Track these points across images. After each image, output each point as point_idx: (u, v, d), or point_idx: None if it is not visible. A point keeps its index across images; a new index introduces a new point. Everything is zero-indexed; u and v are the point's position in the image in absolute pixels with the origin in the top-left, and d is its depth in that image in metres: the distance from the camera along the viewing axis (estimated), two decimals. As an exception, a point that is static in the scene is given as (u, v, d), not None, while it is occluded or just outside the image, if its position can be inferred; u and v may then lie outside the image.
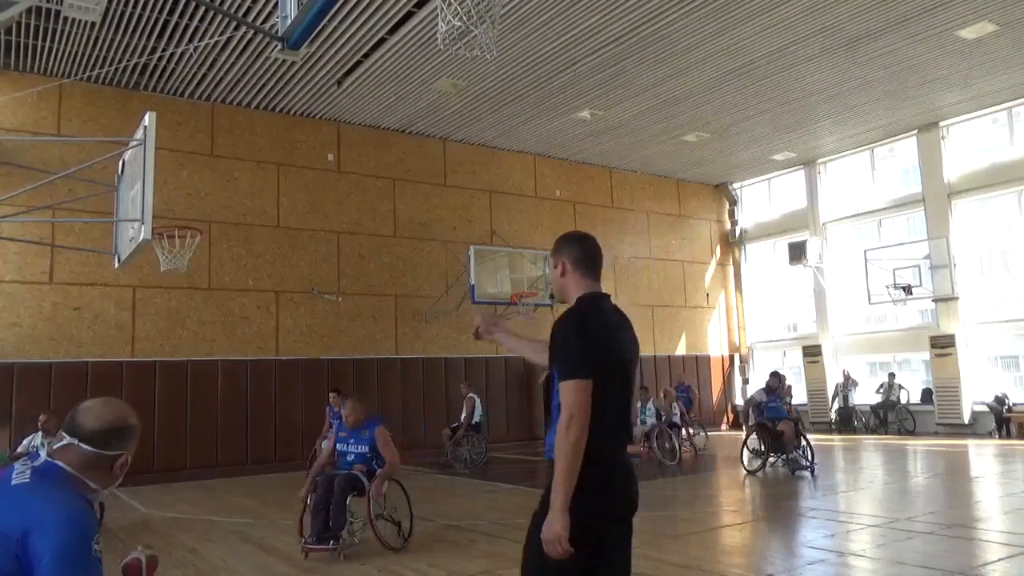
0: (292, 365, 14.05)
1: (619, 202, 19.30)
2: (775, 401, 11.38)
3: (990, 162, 16.52)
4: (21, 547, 1.73)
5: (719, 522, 8.01)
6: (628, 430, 2.75)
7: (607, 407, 2.56)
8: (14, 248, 11.80)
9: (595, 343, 2.60)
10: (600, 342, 2.61)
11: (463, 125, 15.77)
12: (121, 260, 7.23)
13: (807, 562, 5.84)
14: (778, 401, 11.39)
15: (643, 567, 5.73)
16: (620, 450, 2.66)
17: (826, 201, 19.36)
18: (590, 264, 2.82)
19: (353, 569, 6.09)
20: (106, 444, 1.98)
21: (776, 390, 11.50)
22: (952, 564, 5.57)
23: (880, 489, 9.86)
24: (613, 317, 2.77)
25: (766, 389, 11.59)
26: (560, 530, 2.41)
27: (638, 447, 12.22)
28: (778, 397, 11.43)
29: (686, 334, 20.05)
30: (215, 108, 14.04)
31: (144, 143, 6.01)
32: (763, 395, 11.53)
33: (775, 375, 11.81)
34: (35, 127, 12.42)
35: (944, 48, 12.80)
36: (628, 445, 2.77)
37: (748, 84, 14.00)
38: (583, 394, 2.50)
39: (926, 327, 17.17)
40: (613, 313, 2.78)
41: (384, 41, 11.78)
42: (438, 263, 16.11)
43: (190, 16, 10.78)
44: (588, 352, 2.56)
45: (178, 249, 10.95)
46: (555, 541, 2.41)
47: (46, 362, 12.02)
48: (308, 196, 14.80)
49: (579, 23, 11.36)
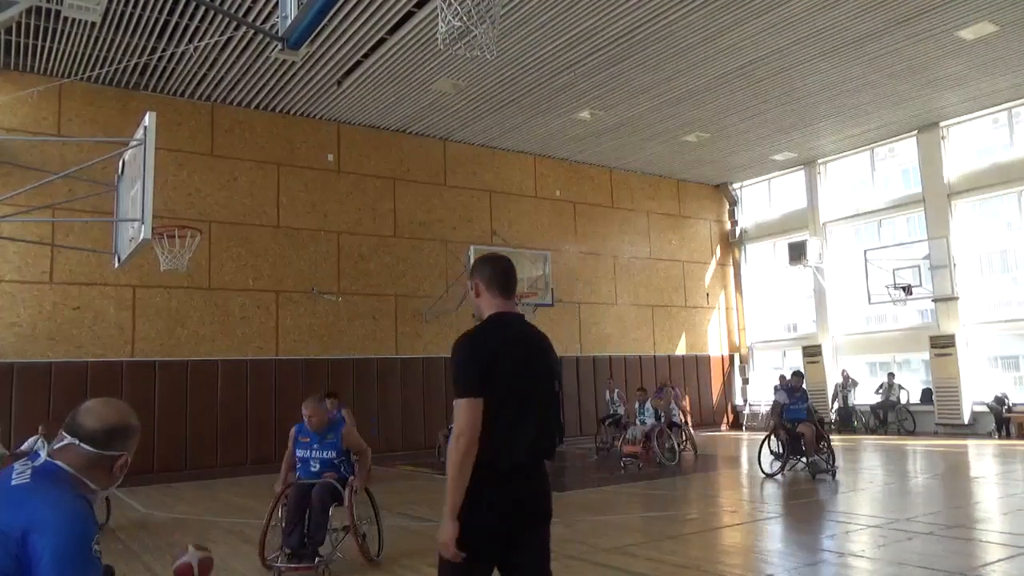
0: (292, 365, 14.05)
1: (619, 202, 19.29)
2: (796, 402, 10.90)
3: (990, 162, 16.52)
4: (21, 547, 1.74)
5: (718, 522, 8.01)
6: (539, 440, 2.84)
7: (500, 422, 2.72)
8: (14, 248, 11.80)
9: (484, 363, 2.75)
10: (490, 361, 2.76)
11: (463, 125, 15.77)
12: (121, 260, 7.23)
13: (807, 562, 5.84)
14: (799, 402, 10.90)
15: (642, 567, 5.73)
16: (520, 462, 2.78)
17: (826, 201, 19.36)
18: (502, 284, 2.94)
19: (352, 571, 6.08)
20: (106, 444, 1.98)
21: (797, 390, 11.02)
22: (952, 565, 5.57)
23: (880, 489, 9.86)
24: (515, 335, 2.90)
25: (787, 389, 11.09)
26: (447, 536, 2.62)
27: (636, 447, 12.18)
28: (800, 398, 10.96)
29: (686, 334, 20.05)
30: (215, 108, 14.04)
31: (144, 143, 6.01)
32: (784, 396, 11.00)
33: (797, 374, 11.35)
34: (35, 127, 12.42)
35: (944, 48, 12.80)
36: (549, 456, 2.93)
37: (748, 84, 14.00)
38: (470, 412, 2.69)
39: (926, 327, 17.17)
40: (517, 331, 2.92)
41: (384, 41, 11.78)
42: (438, 263, 16.11)
43: (190, 16, 10.78)
44: (476, 372, 2.73)
45: (178, 249, 10.95)
46: (444, 546, 2.64)
47: (46, 362, 12.02)
48: (308, 196, 14.80)
49: (579, 23, 11.36)
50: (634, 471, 11.64)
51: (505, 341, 2.86)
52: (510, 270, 2.99)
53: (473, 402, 2.71)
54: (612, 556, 6.11)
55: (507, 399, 2.77)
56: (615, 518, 8.27)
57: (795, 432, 10.58)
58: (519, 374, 2.83)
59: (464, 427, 2.68)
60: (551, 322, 17.45)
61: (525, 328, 2.99)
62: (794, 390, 11.02)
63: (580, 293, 18.17)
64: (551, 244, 17.59)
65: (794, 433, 10.58)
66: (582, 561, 5.99)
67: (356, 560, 6.00)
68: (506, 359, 2.81)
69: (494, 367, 2.76)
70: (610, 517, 8.33)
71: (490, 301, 2.95)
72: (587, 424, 17.34)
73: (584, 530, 7.37)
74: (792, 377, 11.31)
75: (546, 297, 16.31)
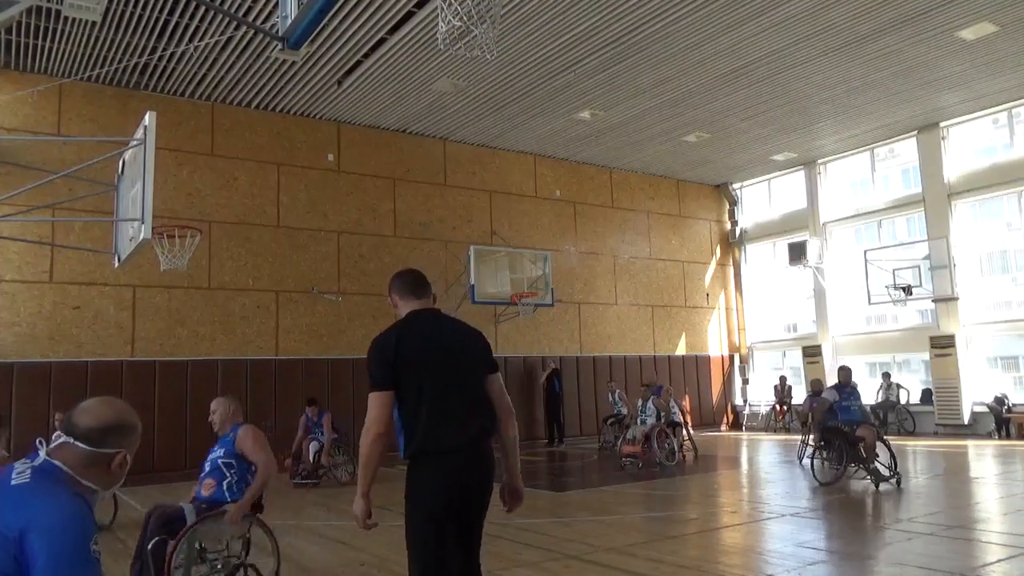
0: (292, 365, 14.05)
1: (619, 202, 19.30)
2: (849, 400, 9.64)
3: (990, 163, 16.52)
4: (19, 547, 1.73)
5: (718, 523, 8.00)
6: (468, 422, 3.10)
7: (420, 409, 3.03)
8: (14, 247, 11.80)
9: (390, 360, 3.05)
10: (399, 357, 3.06)
11: (463, 125, 15.77)
12: (121, 260, 7.23)
13: (807, 562, 5.83)
14: (852, 400, 9.67)
15: (641, 567, 5.73)
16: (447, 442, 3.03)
17: (826, 201, 19.36)
18: (411, 290, 3.32)
19: (351, 570, 6.09)
20: (101, 442, 1.97)
21: (848, 386, 9.79)
22: (952, 565, 5.57)
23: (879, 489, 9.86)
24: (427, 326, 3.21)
25: (836, 386, 9.88)
26: (359, 511, 3.06)
27: (636, 447, 12.12)
28: (851, 395, 9.73)
29: (686, 334, 20.05)
30: (215, 108, 14.04)
31: (144, 143, 6.01)
32: (834, 393, 9.76)
33: (844, 369, 10.10)
34: (35, 127, 12.42)
35: (944, 49, 12.80)
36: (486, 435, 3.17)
37: (748, 84, 14.00)
38: (377, 405, 3.04)
39: (926, 327, 17.17)
40: (429, 323, 3.23)
41: (384, 41, 11.78)
42: (438, 263, 16.10)
43: (190, 16, 10.78)
44: (382, 368, 3.06)
45: (178, 249, 10.95)
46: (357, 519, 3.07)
47: (46, 362, 12.02)
48: (308, 196, 14.80)
49: (579, 23, 11.36)
50: (634, 471, 11.63)
51: (414, 335, 3.14)
52: (418, 277, 3.36)
53: (381, 395, 3.05)
54: (612, 556, 6.11)
55: (425, 388, 3.04)
56: (615, 518, 8.27)
57: (851, 436, 9.30)
58: (434, 363, 3.08)
59: (370, 420, 3.03)
60: (551, 322, 17.47)
61: (441, 321, 3.28)
62: (844, 386, 9.75)
63: (580, 293, 18.17)
64: (551, 244, 17.59)
65: (851, 437, 9.31)
66: (582, 561, 5.99)
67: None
68: (416, 354, 3.08)
69: (406, 362, 3.05)
70: (610, 517, 8.32)
71: (405, 306, 3.30)
72: (587, 424, 17.34)
73: (584, 530, 7.37)
74: (840, 372, 10.03)
75: (546, 297, 16.32)
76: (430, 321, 3.25)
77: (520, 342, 16.98)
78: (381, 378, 3.06)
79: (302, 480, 11.13)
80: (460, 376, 3.14)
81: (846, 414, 9.57)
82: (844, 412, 9.58)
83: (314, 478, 11.14)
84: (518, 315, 16.22)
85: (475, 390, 3.18)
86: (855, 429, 9.35)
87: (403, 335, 3.14)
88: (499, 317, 16.52)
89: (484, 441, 3.16)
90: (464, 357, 3.20)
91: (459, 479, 3.04)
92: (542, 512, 8.49)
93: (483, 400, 3.21)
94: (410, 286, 3.32)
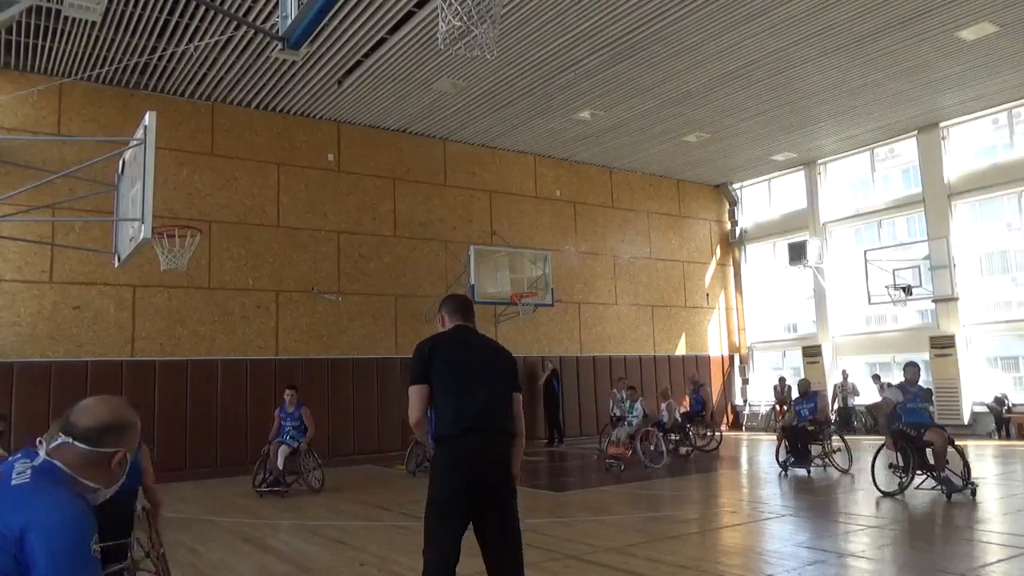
0: (292, 365, 14.04)
1: (619, 202, 19.30)
2: (915, 401, 8.75)
3: (990, 163, 16.52)
4: (19, 547, 1.73)
5: (718, 523, 8.01)
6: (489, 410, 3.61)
7: (440, 401, 3.58)
8: (14, 247, 11.80)
9: (427, 360, 3.66)
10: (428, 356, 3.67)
11: (463, 125, 15.77)
12: (121, 259, 7.23)
13: (806, 563, 5.83)
14: (919, 400, 8.78)
15: (641, 567, 5.73)
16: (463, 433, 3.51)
17: (826, 202, 19.36)
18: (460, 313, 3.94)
19: (351, 570, 6.09)
20: (99, 441, 1.97)
21: (914, 384, 8.88)
22: (952, 565, 5.57)
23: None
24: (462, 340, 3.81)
25: (901, 385, 8.92)
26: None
27: (620, 449, 11.88)
28: (918, 395, 8.81)
29: (686, 334, 20.05)
30: (215, 108, 14.04)
31: (144, 142, 6.01)
32: (898, 393, 8.84)
33: (912, 367, 9.02)
34: (35, 126, 12.42)
35: (944, 49, 12.80)
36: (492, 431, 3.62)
37: (748, 85, 14.00)
38: (414, 395, 3.66)
39: (926, 328, 17.17)
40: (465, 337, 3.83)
41: (384, 41, 11.78)
42: (438, 263, 16.11)
43: (190, 16, 10.78)
44: (420, 366, 3.66)
45: (178, 248, 10.95)
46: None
47: (46, 361, 12.02)
48: (308, 196, 14.80)
49: (579, 23, 11.36)
50: (617, 472, 11.41)
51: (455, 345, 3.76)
52: (467, 303, 4.02)
53: (417, 388, 3.67)
54: (612, 556, 6.11)
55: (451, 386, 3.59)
56: (615, 518, 8.27)
57: (919, 441, 8.52)
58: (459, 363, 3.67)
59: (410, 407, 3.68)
60: (551, 322, 17.47)
61: (478, 335, 3.91)
62: (910, 385, 8.84)
63: (580, 293, 18.17)
64: (551, 244, 17.59)
65: (918, 442, 8.52)
66: (582, 561, 5.99)
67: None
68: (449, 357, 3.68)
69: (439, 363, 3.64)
70: (610, 517, 8.33)
71: (450, 322, 3.92)
72: (587, 425, 17.34)
73: (584, 530, 7.37)
74: (907, 369, 9.00)
75: (546, 297, 16.32)
76: (467, 333, 3.86)
77: (520, 342, 16.97)
78: (419, 374, 3.66)
79: (268, 488, 10.14)
80: (487, 376, 3.67)
81: (912, 416, 8.67)
82: (910, 414, 8.69)
83: (282, 485, 10.13)
84: (518, 315, 16.22)
85: (500, 391, 3.69)
86: (922, 433, 8.52)
87: (439, 340, 3.79)
88: (499, 317, 16.52)
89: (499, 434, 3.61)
90: (493, 364, 3.77)
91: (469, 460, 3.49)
92: (542, 512, 8.49)
93: (506, 401, 3.69)
94: (460, 309, 3.95)
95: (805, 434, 11.06)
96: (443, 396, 3.58)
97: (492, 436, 3.57)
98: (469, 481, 3.46)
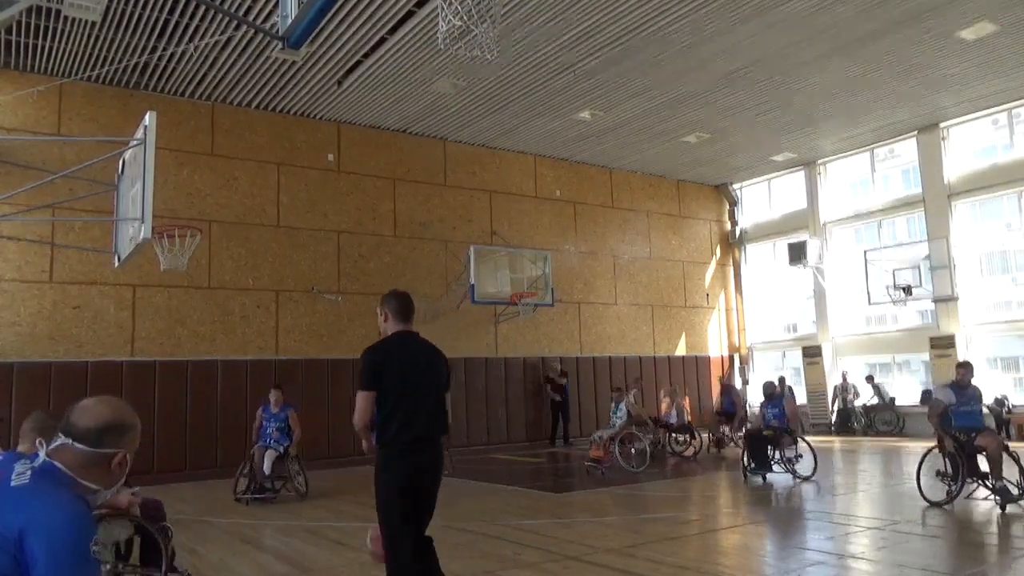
0: (292, 365, 14.04)
1: (619, 202, 19.30)
2: (968, 403, 8.03)
3: (990, 163, 16.52)
4: (19, 548, 1.73)
5: (718, 524, 8.01)
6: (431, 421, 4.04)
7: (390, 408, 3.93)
8: (14, 247, 11.80)
9: (375, 366, 3.96)
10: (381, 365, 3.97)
11: (463, 125, 15.76)
12: (121, 259, 7.23)
13: (806, 564, 5.83)
14: (972, 403, 8.07)
15: (640, 568, 5.73)
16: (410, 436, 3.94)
17: (826, 202, 19.36)
18: (402, 315, 4.20)
19: (351, 571, 6.09)
20: (99, 442, 1.97)
21: (967, 385, 8.13)
22: (952, 566, 5.56)
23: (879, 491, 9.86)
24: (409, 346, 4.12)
25: (953, 386, 8.17)
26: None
27: (599, 451, 11.53)
28: (972, 396, 8.09)
29: (686, 334, 20.05)
30: (215, 108, 14.04)
31: (144, 142, 6.02)
32: (950, 394, 8.11)
33: (965, 366, 8.25)
34: (35, 126, 12.41)
35: (944, 49, 12.80)
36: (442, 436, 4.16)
37: (748, 84, 14.00)
38: (363, 401, 3.99)
39: (926, 328, 17.17)
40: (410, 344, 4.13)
41: (384, 41, 11.77)
42: (438, 263, 16.11)
43: (190, 16, 10.78)
44: (372, 374, 3.96)
45: (178, 248, 10.95)
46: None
47: (46, 362, 12.01)
48: (308, 196, 14.80)
49: (579, 23, 11.35)
50: (596, 475, 11.19)
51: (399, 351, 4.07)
52: (409, 304, 4.26)
53: (364, 394, 3.97)
54: (612, 557, 6.11)
55: (396, 392, 3.92)
56: (615, 519, 8.27)
57: (971, 445, 7.82)
58: (407, 372, 3.99)
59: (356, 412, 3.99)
60: (551, 322, 17.46)
61: (417, 341, 4.17)
62: (962, 386, 8.11)
63: (580, 293, 18.17)
64: (551, 244, 17.59)
65: (969, 447, 7.82)
66: (581, 562, 5.99)
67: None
68: (396, 364, 3.99)
69: (387, 369, 3.95)
70: (610, 518, 8.33)
71: (394, 326, 4.17)
72: (587, 425, 17.32)
73: (584, 531, 7.37)
74: (959, 369, 8.30)
75: (546, 297, 16.32)
76: (412, 340, 4.18)
77: (520, 342, 16.98)
78: (368, 381, 3.98)
79: (253, 495, 9.59)
80: (430, 386, 4.07)
81: (965, 420, 7.94)
82: (962, 418, 7.95)
83: (268, 491, 9.65)
84: (518, 315, 16.21)
85: (436, 399, 4.09)
86: (973, 437, 7.84)
87: (389, 351, 4.08)
88: (499, 317, 16.52)
89: (438, 438, 4.11)
90: (435, 371, 4.13)
91: (418, 464, 3.96)
92: (542, 513, 8.49)
93: (441, 407, 4.12)
94: (403, 312, 4.20)
95: (766, 439, 10.58)
96: (394, 404, 3.93)
97: (435, 442, 4.08)
98: (421, 485, 3.97)
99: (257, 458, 9.70)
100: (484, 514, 8.35)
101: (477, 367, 16.23)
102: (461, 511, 8.54)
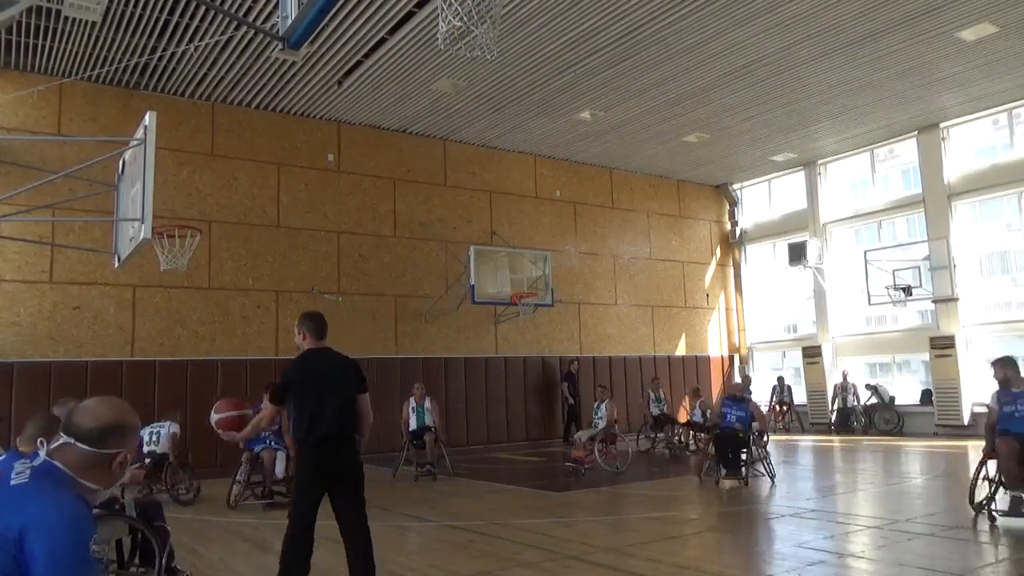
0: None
1: (619, 202, 19.30)
2: (1015, 404, 7.12)
3: (990, 163, 16.52)
4: (18, 547, 1.73)
5: (718, 523, 8.01)
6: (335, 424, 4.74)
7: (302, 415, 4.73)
8: (14, 247, 11.80)
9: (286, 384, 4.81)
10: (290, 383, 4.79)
11: (463, 125, 15.76)
12: (121, 259, 7.23)
13: (806, 563, 5.83)
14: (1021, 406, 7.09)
15: (640, 567, 5.73)
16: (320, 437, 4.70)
17: (826, 202, 19.36)
18: (317, 333, 4.93)
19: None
20: (102, 442, 1.97)
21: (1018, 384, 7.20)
22: (952, 566, 5.57)
23: (879, 490, 9.86)
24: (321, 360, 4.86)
25: (1004, 389, 7.28)
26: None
27: (580, 452, 11.43)
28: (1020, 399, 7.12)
29: (686, 334, 20.05)
30: (215, 108, 14.04)
31: (144, 142, 6.01)
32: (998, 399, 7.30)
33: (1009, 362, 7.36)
34: (35, 126, 12.42)
35: (944, 49, 12.80)
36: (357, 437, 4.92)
37: (748, 85, 14.00)
38: (266, 410, 5.31)
39: (926, 328, 17.17)
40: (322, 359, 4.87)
41: (384, 41, 11.78)
42: (438, 263, 16.11)
43: (190, 16, 10.78)
44: (279, 388, 4.88)
45: (178, 248, 10.95)
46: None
47: (46, 361, 12.01)
48: (308, 196, 14.80)
49: (579, 23, 11.36)
50: (577, 476, 11.09)
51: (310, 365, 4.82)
52: (323, 324, 4.95)
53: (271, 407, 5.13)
54: (612, 556, 6.11)
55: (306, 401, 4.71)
56: (615, 518, 8.27)
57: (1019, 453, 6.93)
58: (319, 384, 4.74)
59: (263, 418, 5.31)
60: (551, 322, 17.47)
61: (328, 356, 4.89)
62: (1011, 389, 7.20)
63: (580, 293, 18.17)
64: (551, 244, 17.59)
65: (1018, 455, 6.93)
66: (582, 561, 5.99)
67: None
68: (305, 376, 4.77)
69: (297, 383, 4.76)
70: (610, 518, 8.33)
71: (310, 343, 4.89)
72: (587, 425, 17.30)
73: (584, 530, 7.37)
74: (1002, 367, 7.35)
75: (546, 297, 16.31)
76: (324, 355, 4.89)
77: (520, 342, 16.99)
78: (277, 393, 4.89)
79: (258, 499, 9.17)
80: (335, 393, 4.75)
81: (1018, 425, 7.05)
82: (1009, 421, 7.11)
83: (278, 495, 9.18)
84: (518, 315, 16.21)
85: (344, 402, 4.78)
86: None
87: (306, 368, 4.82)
88: (499, 317, 16.52)
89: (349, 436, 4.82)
90: (340, 380, 4.81)
91: (329, 458, 4.72)
92: (542, 512, 8.49)
93: (350, 410, 4.81)
94: (317, 331, 4.90)
95: (735, 441, 9.98)
96: (303, 410, 4.71)
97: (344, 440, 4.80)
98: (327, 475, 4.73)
99: (267, 461, 9.24)
100: (484, 513, 8.35)
101: (477, 367, 16.23)
102: (461, 511, 8.55)
